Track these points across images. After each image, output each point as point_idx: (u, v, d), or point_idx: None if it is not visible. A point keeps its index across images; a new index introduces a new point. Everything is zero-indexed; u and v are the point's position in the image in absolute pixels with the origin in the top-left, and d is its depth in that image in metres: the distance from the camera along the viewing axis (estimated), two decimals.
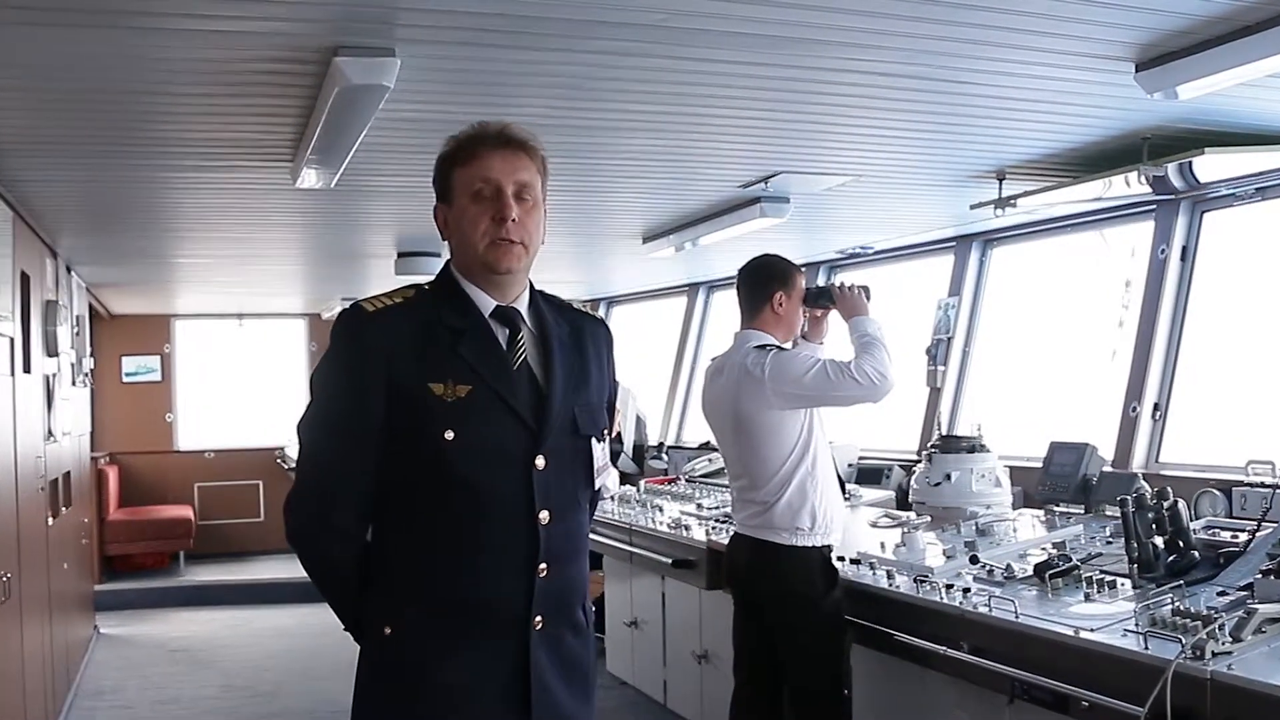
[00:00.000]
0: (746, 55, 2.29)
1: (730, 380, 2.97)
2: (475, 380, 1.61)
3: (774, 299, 2.99)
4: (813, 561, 2.86)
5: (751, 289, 3.03)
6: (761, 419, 2.88)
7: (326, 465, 1.67)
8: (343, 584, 1.70)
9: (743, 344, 3.00)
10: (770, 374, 2.86)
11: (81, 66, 2.28)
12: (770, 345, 2.95)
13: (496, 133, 1.66)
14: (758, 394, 2.88)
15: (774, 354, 2.91)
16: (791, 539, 2.86)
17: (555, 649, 1.66)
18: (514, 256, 1.64)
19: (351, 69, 2.15)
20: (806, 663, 2.85)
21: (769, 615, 2.91)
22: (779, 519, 2.86)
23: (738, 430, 2.95)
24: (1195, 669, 1.92)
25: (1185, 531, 2.56)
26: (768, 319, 2.99)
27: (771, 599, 2.90)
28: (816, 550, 2.87)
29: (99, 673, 5.50)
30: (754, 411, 2.89)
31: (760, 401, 2.87)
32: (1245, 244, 3.53)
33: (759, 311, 3.00)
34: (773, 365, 2.87)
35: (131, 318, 8.27)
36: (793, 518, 2.85)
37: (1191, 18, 2.08)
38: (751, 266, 3.06)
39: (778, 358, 2.90)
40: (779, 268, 3.03)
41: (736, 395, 2.93)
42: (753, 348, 2.95)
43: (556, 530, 1.64)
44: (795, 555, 2.85)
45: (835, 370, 2.85)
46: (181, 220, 4.30)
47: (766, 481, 2.88)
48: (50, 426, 4.42)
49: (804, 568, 2.85)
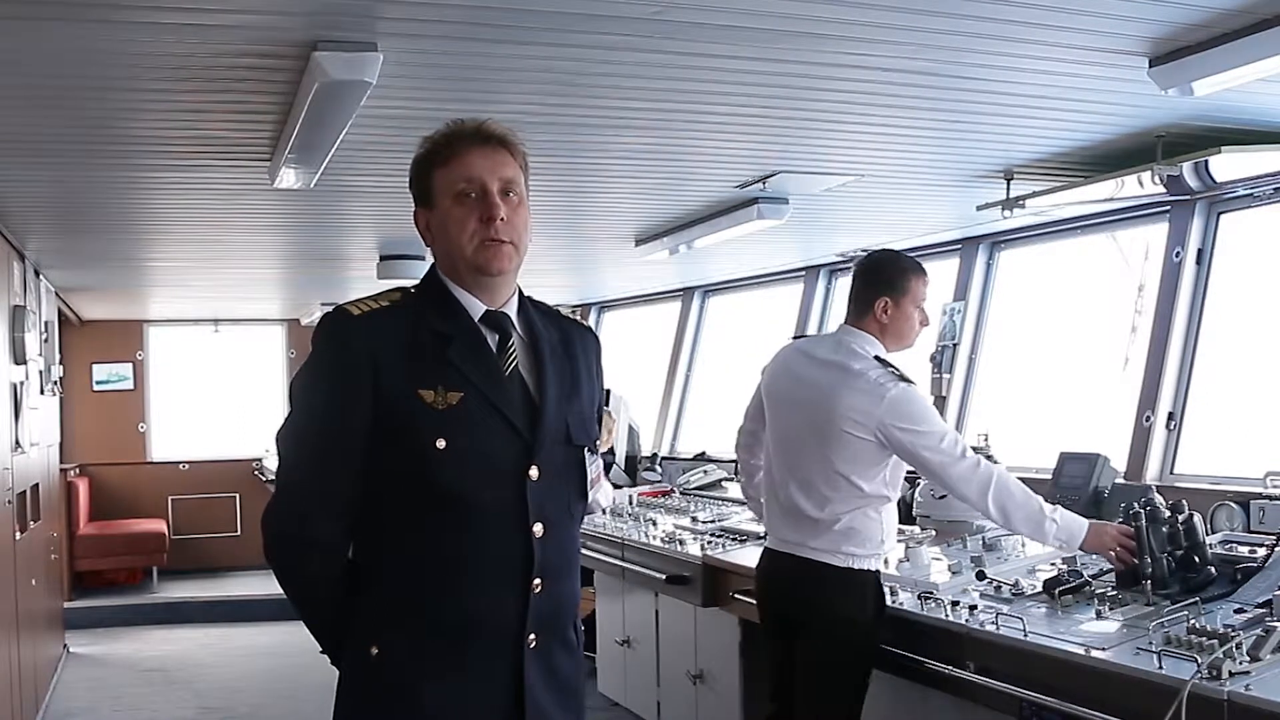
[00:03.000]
0: (743, 50, 2.27)
1: (836, 378, 2.69)
2: (466, 387, 1.58)
3: (877, 306, 2.74)
4: (867, 586, 2.69)
5: (859, 288, 2.79)
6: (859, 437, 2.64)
7: (308, 476, 1.62)
8: (323, 603, 1.66)
9: (850, 342, 2.74)
10: (889, 408, 2.60)
11: (48, 61, 2.23)
12: (893, 368, 2.70)
13: (475, 130, 1.63)
14: (868, 412, 2.61)
15: (904, 386, 2.64)
16: (849, 561, 2.67)
17: (548, 668, 1.63)
18: (505, 257, 1.61)
19: (331, 64, 2.12)
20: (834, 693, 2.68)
21: (808, 637, 2.71)
22: (838, 539, 2.67)
23: (823, 434, 2.68)
24: (1212, 689, 1.89)
25: (1201, 546, 2.53)
26: (871, 324, 2.75)
27: (818, 622, 2.70)
28: (871, 574, 2.70)
29: (69, 693, 5.44)
30: (854, 427, 2.63)
31: (867, 421, 2.62)
32: (1263, 246, 3.49)
33: (863, 314, 2.77)
34: (896, 400, 2.60)
35: (103, 323, 8.18)
36: (853, 539, 2.66)
37: (1207, 11, 2.05)
38: (863, 263, 2.84)
39: (906, 396, 2.62)
40: (890, 272, 2.77)
41: (837, 398, 2.66)
42: (875, 359, 2.70)
43: (550, 543, 1.61)
44: (851, 579, 2.67)
45: (961, 452, 2.57)
46: (154, 222, 4.27)
47: (833, 500, 2.66)
48: (17, 437, 4.37)
49: (859, 592, 2.67)
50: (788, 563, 2.74)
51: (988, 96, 2.63)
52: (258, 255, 5.24)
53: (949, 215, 4.15)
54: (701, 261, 5.32)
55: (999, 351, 4.45)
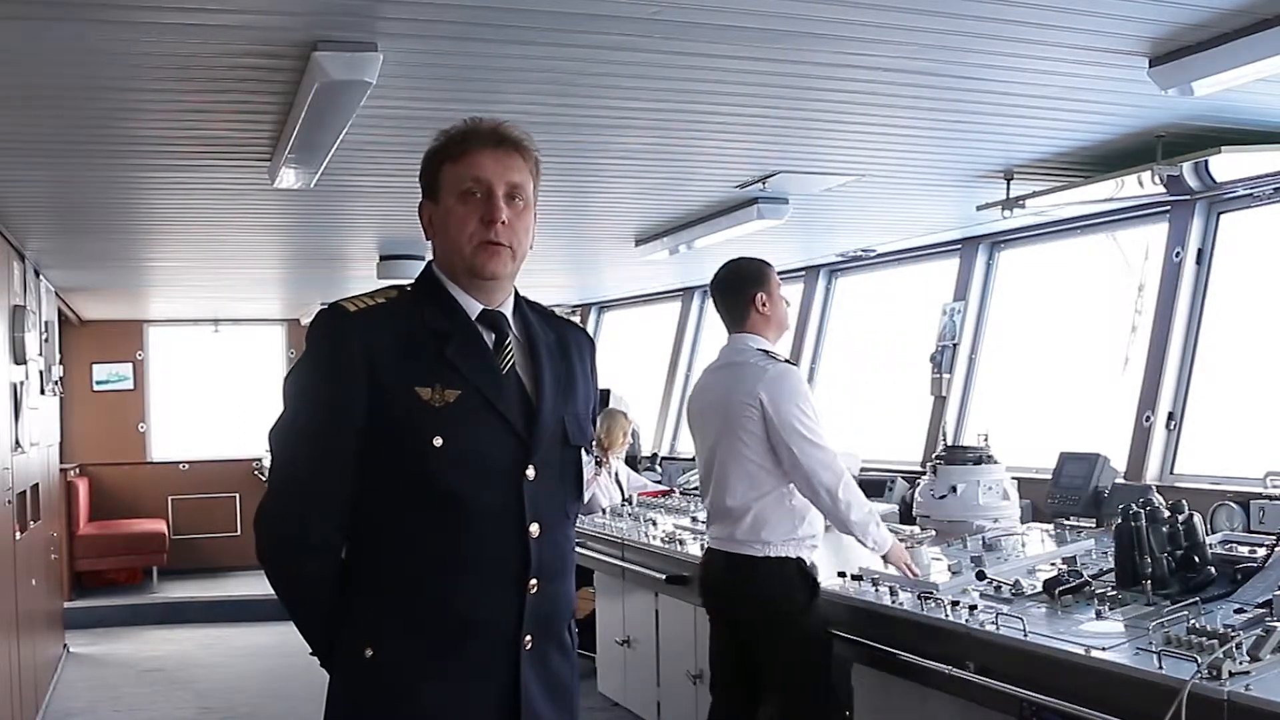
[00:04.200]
0: (743, 50, 2.26)
1: (729, 376, 2.90)
2: (464, 385, 1.56)
3: (756, 301, 2.94)
4: (788, 573, 2.80)
5: (729, 296, 2.99)
6: (752, 419, 2.81)
7: (301, 474, 1.60)
8: (316, 603, 1.63)
9: (737, 344, 2.95)
10: (769, 383, 2.80)
11: (48, 61, 2.23)
12: (775, 354, 2.90)
13: (490, 130, 1.61)
14: (752, 391, 2.81)
15: (784, 366, 2.86)
16: (765, 550, 2.80)
17: (544, 670, 1.61)
18: (500, 261, 1.60)
19: (332, 64, 2.12)
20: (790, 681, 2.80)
21: (744, 631, 2.86)
22: (755, 528, 2.80)
23: (728, 429, 2.86)
24: (1211, 689, 1.88)
25: (1201, 546, 2.53)
26: (755, 322, 2.95)
27: (749, 612, 2.85)
28: (792, 561, 2.82)
29: (69, 693, 5.42)
30: (746, 410, 2.81)
31: (752, 401, 2.80)
32: (1263, 246, 3.49)
33: (743, 317, 2.96)
34: (776, 377, 2.80)
35: (103, 323, 8.16)
36: (766, 527, 2.80)
37: (1208, 10, 2.05)
38: (721, 276, 3.02)
39: (786, 372, 2.84)
40: (750, 270, 2.99)
41: (730, 391, 2.86)
42: (759, 350, 2.90)
43: (546, 544, 1.59)
44: (770, 567, 2.80)
45: (822, 443, 2.75)
46: (155, 222, 4.27)
47: (746, 489, 2.81)
48: (18, 437, 4.35)
49: (781, 580, 2.80)
50: (718, 558, 2.92)
51: (988, 96, 2.63)
52: (258, 255, 5.23)
53: (949, 215, 4.15)
54: (701, 261, 5.27)
55: (999, 351, 4.45)
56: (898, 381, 4.98)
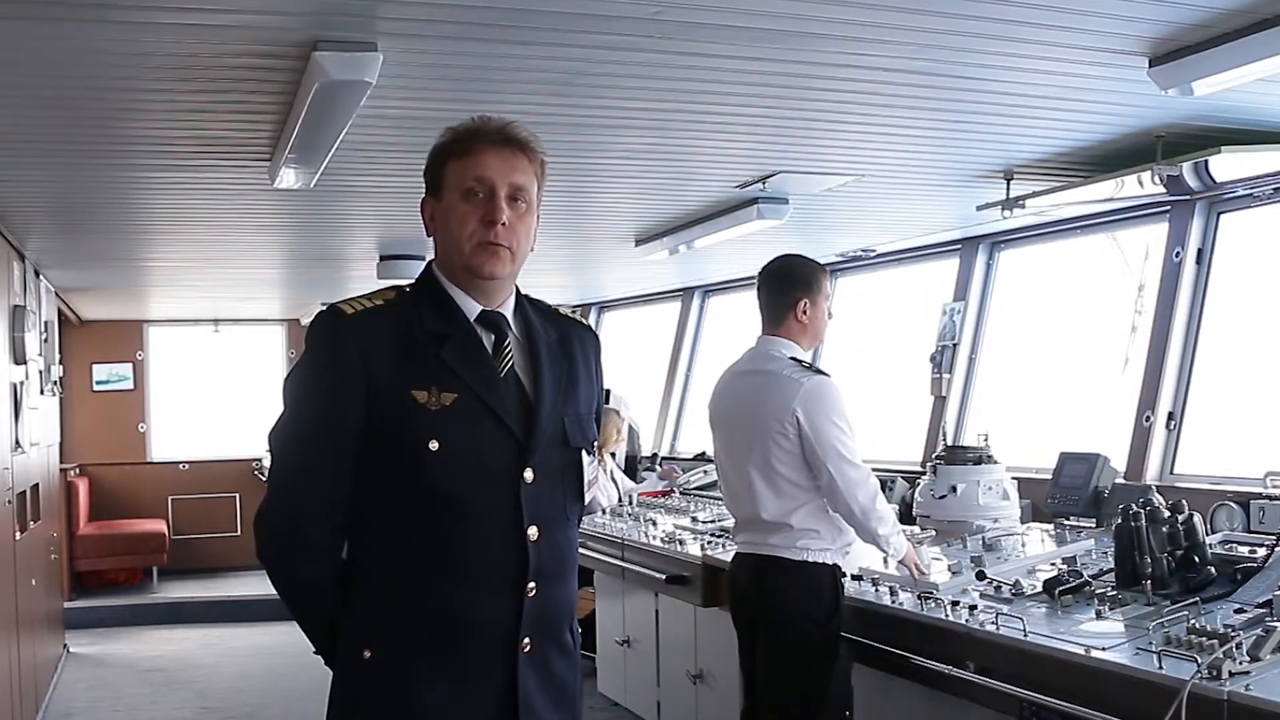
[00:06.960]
0: (743, 50, 2.26)
1: (759, 384, 2.79)
2: (460, 387, 1.56)
3: (798, 308, 2.83)
4: (823, 579, 2.74)
5: (773, 295, 2.86)
6: (786, 434, 2.72)
7: (300, 476, 1.61)
8: (316, 604, 1.64)
9: (768, 349, 2.84)
10: (805, 398, 2.69)
11: (48, 61, 2.23)
12: (809, 364, 2.80)
13: (497, 129, 1.61)
14: (786, 405, 2.71)
15: (819, 378, 2.74)
16: (804, 555, 2.73)
17: (543, 672, 1.61)
18: (499, 262, 1.59)
19: (332, 64, 2.11)
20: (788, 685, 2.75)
21: (768, 632, 2.81)
22: (793, 536, 2.73)
23: (759, 440, 2.76)
24: (1211, 689, 1.88)
25: (1201, 546, 2.53)
26: (792, 328, 2.84)
27: (775, 615, 2.78)
28: (828, 568, 2.75)
29: (69, 693, 5.41)
30: (779, 425, 2.71)
31: (786, 415, 2.70)
32: (1263, 246, 3.48)
33: (781, 319, 2.84)
34: (813, 392, 2.70)
35: (103, 323, 8.15)
36: (806, 535, 2.73)
37: (1208, 10, 2.05)
38: (773, 270, 2.89)
39: (822, 386, 2.72)
40: (802, 273, 2.86)
41: (761, 402, 2.76)
42: (791, 359, 2.79)
43: (545, 547, 1.59)
44: (806, 572, 2.73)
45: (858, 461, 2.68)
46: (154, 222, 4.26)
47: (780, 502, 2.73)
48: (17, 437, 4.36)
49: (814, 586, 2.73)
50: (748, 561, 2.85)
51: (988, 96, 2.62)
52: (258, 255, 5.23)
53: (949, 215, 4.15)
54: (701, 261, 5.31)
55: (999, 351, 4.44)
56: (898, 381, 4.97)
